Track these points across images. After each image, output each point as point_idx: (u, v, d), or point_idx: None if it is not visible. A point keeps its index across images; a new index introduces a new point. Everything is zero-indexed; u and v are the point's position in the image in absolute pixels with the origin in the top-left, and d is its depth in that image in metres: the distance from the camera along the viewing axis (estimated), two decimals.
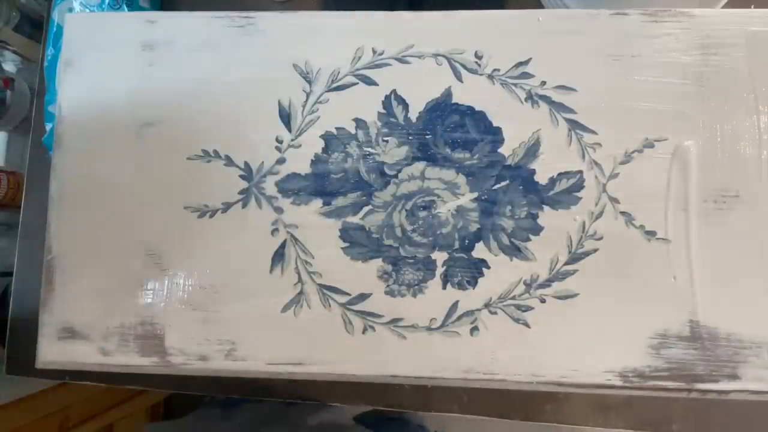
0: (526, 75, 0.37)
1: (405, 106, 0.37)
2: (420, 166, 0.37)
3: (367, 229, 0.36)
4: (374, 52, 0.38)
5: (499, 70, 0.37)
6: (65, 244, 0.38)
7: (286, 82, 0.38)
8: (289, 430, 0.46)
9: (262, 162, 0.37)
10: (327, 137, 0.37)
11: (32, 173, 0.57)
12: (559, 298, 0.35)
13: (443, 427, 1.13)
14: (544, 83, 0.37)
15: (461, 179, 0.36)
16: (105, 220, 0.38)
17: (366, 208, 0.37)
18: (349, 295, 0.36)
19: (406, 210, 0.36)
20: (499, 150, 0.36)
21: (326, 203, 0.37)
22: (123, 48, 0.39)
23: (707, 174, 0.35)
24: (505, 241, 0.36)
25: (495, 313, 0.35)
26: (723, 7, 0.42)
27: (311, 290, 0.36)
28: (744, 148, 0.35)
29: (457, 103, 0.37)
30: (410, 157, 0.37)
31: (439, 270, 0.36)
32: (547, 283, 0.35)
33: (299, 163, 0.37)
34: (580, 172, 0.36)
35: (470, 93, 0.37)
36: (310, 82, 0.38)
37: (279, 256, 0.36)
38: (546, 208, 0.36)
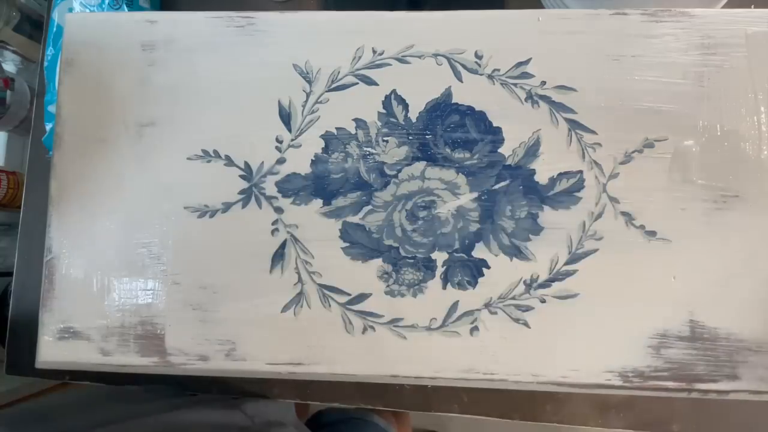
0: (526, 75, 0.37)
1: (405, 106, 0.37)
2: (420, 166, 0.37)
3: (367, 229, 0.36)
4: (374, 52, 0.38)
5: (499, 70, 0.37)
6: (65, 244, 0.38)
7: (286, 82, 0.38)
8: (222, 406, 0.46)
9: (262, 162, 0.37)
10: (327, 137, 0.37)
11: (32, 173, 0.57)
12: (559, 298, 0.35)
13: (443, 427, 1.13)
14: (544, 83, 0.37)
15: (461, 179, 0.36)
16: (105, 220, 0.38)
17: (366, 208, 0.37)
18: (349, 295, 0.36)
19: (406, 210, 0.36)
20: (499, 150, 0.36)
21: (326, 203, 0.37)
22: (123, 48, 0.39)
23: (707, 174, 0.35)
24: (505, 241, 0.36)
25: (495, 313, 0.35)
26: (723, 7, 0.42)
27: (311, 290, 0.36)
28: (744, 148, 0.35)
29: (457, 103, 0.37)
30: (410, 157, 0.37)
31: (439, 270, 0.36)
32: (547, 283, 0.35)
33: (299, 163, 0.37)
34: (580, 172, 0.36)
35: (470, 93, 0.37)
36: (310, 82, 0.38)
37: (279, 256, 0.36)
38: (546, 208, 0.36)
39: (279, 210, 0.37)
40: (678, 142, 0.35)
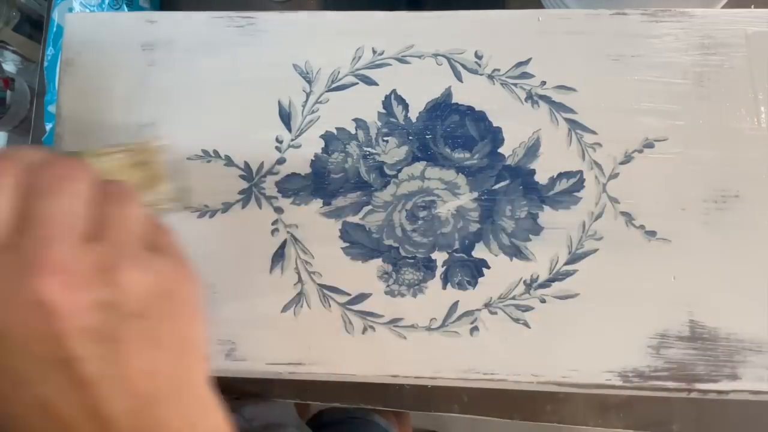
0: (526, 75, 0.37)
1: (405, 106, 0.37)
2: (420, 166, 0.37)
3: (367, 229, 0.36)
4: (374, 52, 0.38)
5: (499, 70, 0.37)
6: None
7: (286, 82, 0.38)
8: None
9: (262, 162, 0.37)
10: (327, 137, 0.37)
11: None
12: (559, 298, 0.35)
13: (443, 427, 1.13)
14: (544, 83, 0.37)
15: (461, 179, 0.36)
16: None
17: (366, 208, 0.37)
18: (349, 295, 0.36)
19: (406, 210, 0.36)
20: (499, 150, 0.36)
21: (326, 203, 0.37)
22: (123, 48, 0.39)
23: (707, 174, 0.35)
24: (505, 241, 0.36)
25: (495, 313, 0.35)
26: (723, 7, 0.42)
27: (311, 290, 0.36)
28: (744, 147, 0.35)
29: (457, 103, 0.37)
30: (410, 157, 0.37)
31: (439, 270, 0.36)
32: (547, 283, 0.35)
33: (299, 163, 0.37)
34: (580, 172, 0.36)
35: (470, 93, 0.37)
36: (310, 82, 0.38)
37: (279, 256, 0.36)
38: (546, 208, 0.36)
39: (279, 210, 0.37)
40: (678, 142, 0.35)
